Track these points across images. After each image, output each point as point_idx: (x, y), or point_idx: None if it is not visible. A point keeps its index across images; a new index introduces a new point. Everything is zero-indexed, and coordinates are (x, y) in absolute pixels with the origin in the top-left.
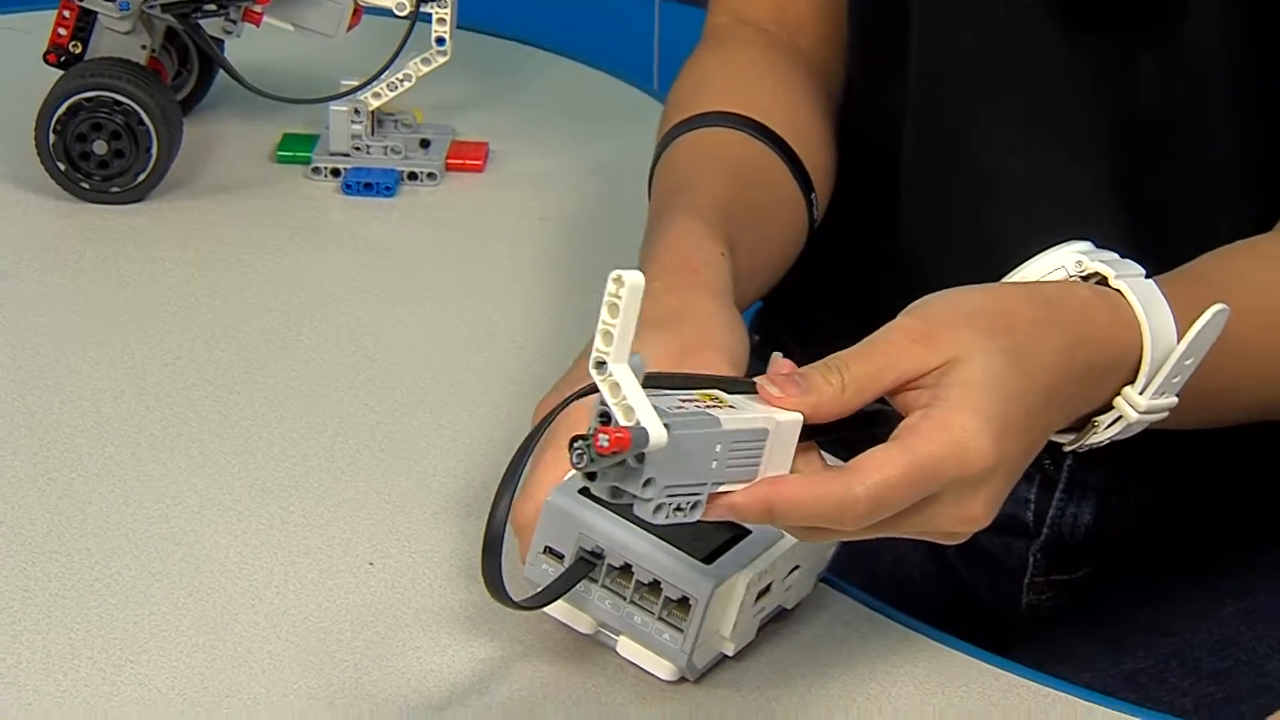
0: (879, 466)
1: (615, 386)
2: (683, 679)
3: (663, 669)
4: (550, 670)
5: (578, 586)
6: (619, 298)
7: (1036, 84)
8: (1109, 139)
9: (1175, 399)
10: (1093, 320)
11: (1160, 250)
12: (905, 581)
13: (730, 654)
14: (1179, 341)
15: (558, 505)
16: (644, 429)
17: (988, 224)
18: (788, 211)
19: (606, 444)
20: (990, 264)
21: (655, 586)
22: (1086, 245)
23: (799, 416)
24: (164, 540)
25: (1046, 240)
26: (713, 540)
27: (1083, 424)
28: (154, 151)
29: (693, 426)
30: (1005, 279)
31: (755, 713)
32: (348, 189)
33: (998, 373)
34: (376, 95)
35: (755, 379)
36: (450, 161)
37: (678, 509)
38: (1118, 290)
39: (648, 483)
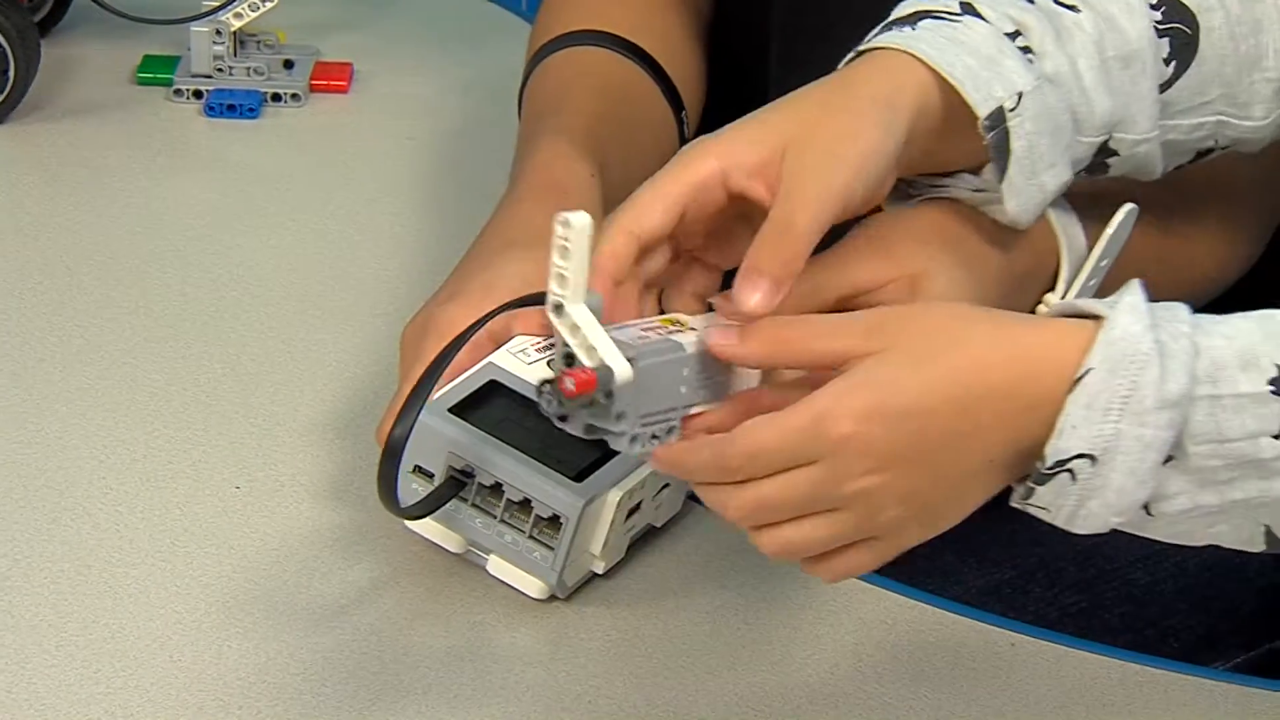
0: (757, 424)
1: (575, 328)
2: (553, 597)
3: (533, 587)
4: (419, 591)
5: (448, 506)
6: (568, 240)
7: None
8: None
9: None
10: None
11: None
12: None
13: (600, 572)
14: (1089, 245)
15: (426, 424)
16: (608, 367)
17: None
18: (658, 129)
19: (573, 386)
20: None
21: (526, 505)
22: None
23: None
24: (25, 467)
25: None
26: (583, 459)
27: None
28: (11, 74)
29: (656, 355)
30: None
31: (624, 630)
32: (210, 111)
33: (961, 289)
34: (238, 16)
35: (711, 299)
36: (314, 83)
37: (654, 437)
38: None
39: (620, 417)
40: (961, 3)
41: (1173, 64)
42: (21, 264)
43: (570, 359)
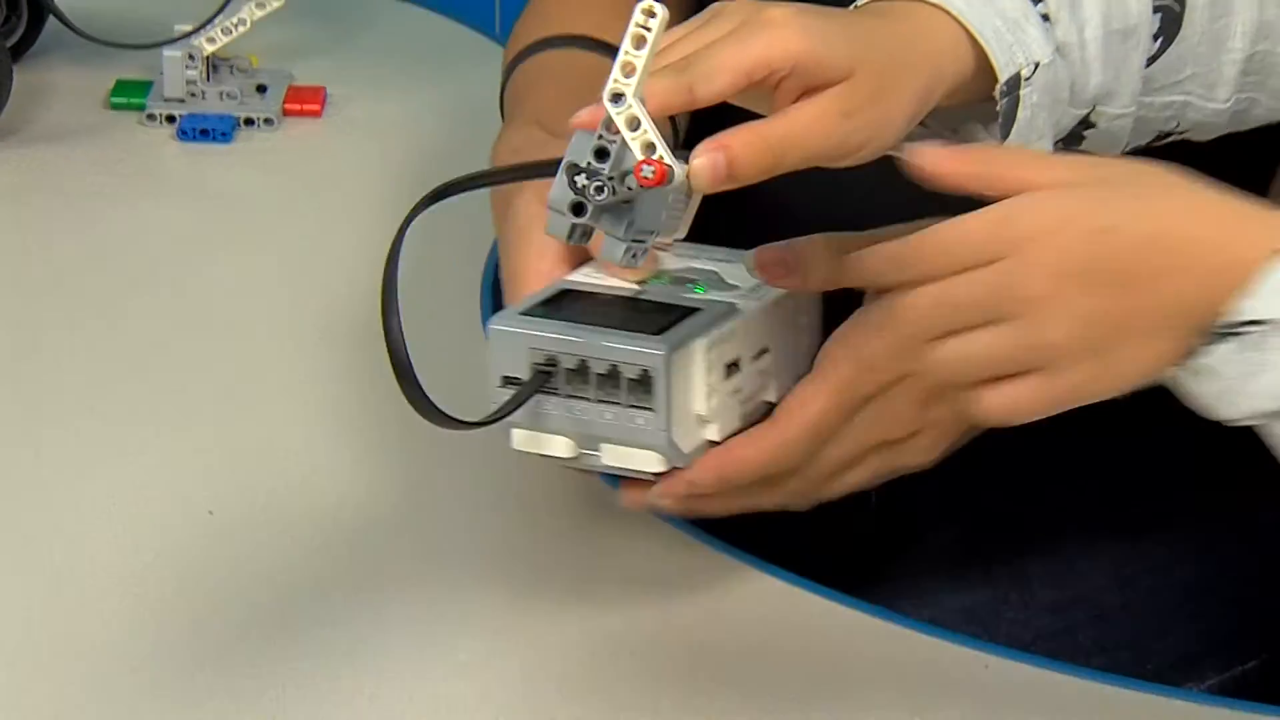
0: (803, 402)
1: (634, 120)
2: (673, 469)
3: (650, 461)
4: (396, 619)
5: (546, 409)
6: (648, 29)
7: None
8: None
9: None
10: None
11: None
12: (748, 521)
13: (717, 439)
14: None
15: (503, 331)
16: (670, 165)
17: None
18: None
19: (651, 175)
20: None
21: (614, 376)
22: None
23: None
24: None
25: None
26: (663, 320)
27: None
28: None
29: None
30: None
31: (589, 657)
32: (183, 135)
33: None
34: (211, 40)
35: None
36: (287, 107)
37: (634, 255)
38: None
39: (630, 224)
40: None
41: (1159, 40)
42: None
43: (603, 154)
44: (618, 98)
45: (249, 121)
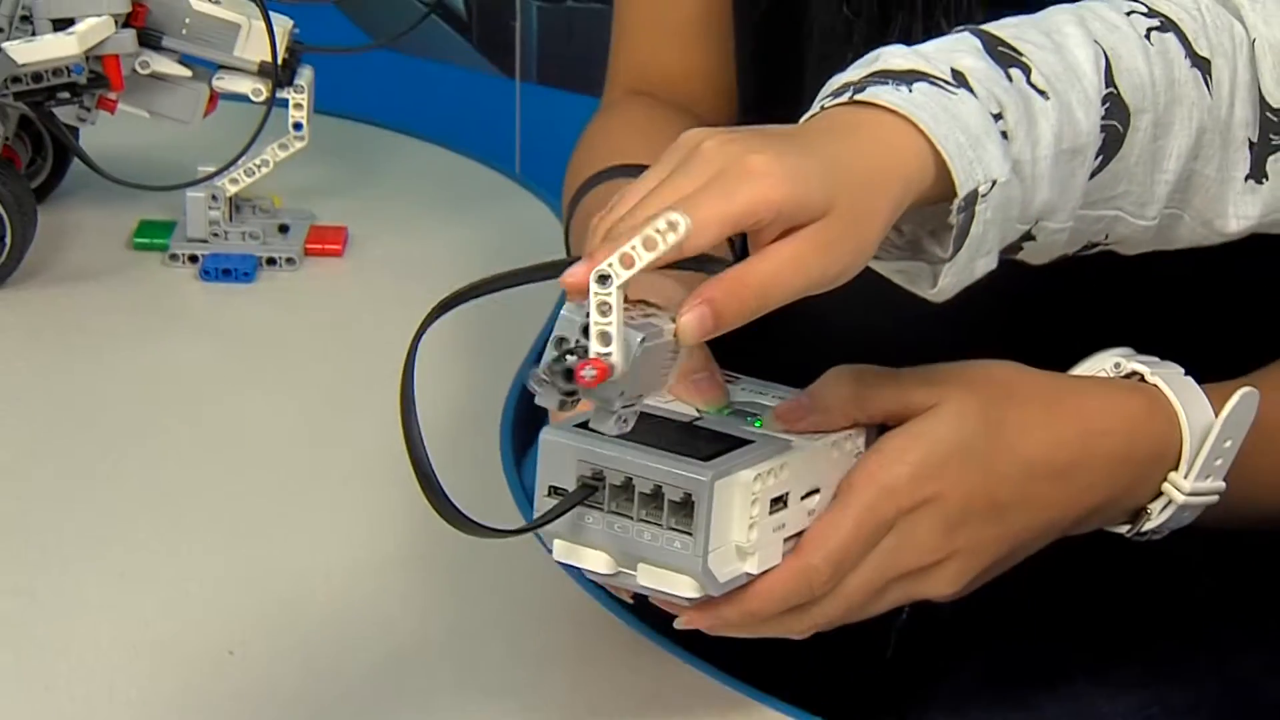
0: (826, 531)
1: (608, 308)
2: (707, 597)
3: (684, 586)
4: None
5: (589, 523)
6: (665, 241)
7: None
8: None
9: (1222, 483)
10: (1121, 414)
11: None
12: (760, 648)
13: (754, 572)
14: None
15: (554, 441)
16: (614, 365)
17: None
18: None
19: (592, 377)
20: (888, 307)
21: (658, 496)
22: (1127, 350)
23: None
24: (16, 631)
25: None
26: (713, 448)
27: (1138, 514)
28: (8, 240)
29: (651, 340)
30: None
31: None
32: (206, 275)
33: (958, 429)
34: (234, 181)
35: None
36: (309, 246)
37: (624, 420)
38: (1154, 385)
39: (621, 394)
40: (953, 70)
41: (1099, 158)
42: (16, 429)
43: (585, 330)
44: (604, 279)
45: (271, 261)
